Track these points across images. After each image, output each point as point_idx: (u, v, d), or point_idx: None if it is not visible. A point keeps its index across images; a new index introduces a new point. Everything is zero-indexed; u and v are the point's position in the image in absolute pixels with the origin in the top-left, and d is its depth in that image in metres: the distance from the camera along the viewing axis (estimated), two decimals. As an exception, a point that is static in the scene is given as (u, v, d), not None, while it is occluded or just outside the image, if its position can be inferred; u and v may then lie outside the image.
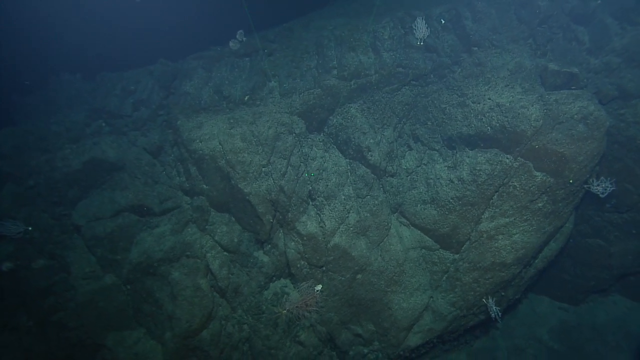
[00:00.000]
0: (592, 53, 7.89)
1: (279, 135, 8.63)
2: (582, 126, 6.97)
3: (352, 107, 8.82)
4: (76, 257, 9.44)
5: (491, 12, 8.69)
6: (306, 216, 8.55)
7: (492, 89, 7.81)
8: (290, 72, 9.31)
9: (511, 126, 7.34)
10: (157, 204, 9.32)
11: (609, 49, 7.75)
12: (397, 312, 8.45)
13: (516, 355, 9.94)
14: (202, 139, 8.61)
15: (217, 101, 9.32)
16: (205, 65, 9.92)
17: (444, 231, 8.30)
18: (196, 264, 8.59)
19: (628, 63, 7.59)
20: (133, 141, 9.82)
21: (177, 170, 9.34)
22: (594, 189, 7.48)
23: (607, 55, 7.73)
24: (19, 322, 9.40)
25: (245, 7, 9.25)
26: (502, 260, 7.73)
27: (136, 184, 9.47)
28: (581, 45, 8.01)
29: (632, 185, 7.80)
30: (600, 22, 8.03)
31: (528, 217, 7.55)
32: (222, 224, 8.89)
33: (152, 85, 10.23)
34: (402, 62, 8.57)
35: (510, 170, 7.48)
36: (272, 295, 8.92)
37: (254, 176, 8.37)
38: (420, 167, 8.77)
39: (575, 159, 7.04)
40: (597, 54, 7.82)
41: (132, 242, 9.26)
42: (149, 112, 9.83)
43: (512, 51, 8.14)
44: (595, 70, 7.73)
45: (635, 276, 9.79)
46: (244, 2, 8.92)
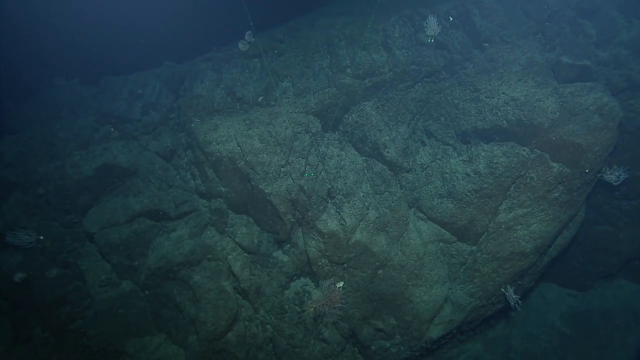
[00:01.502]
0: (600, 46, 8.16)
1: (296, 135, 8.67)
2: (598, 117, 7.22)
3: (366, 105, 8.92)
4: (90, 265, 9.36)
5: (498, 9, 8.89)
6: (326, 214, 8.63)
7: (506, 84, 8.01)
8: (302, 72, 9.36)
9: (528, 119, 7.55)
10: (172, 208, 9.27)
11: (616, 42, 8.03)
12: (419, 305, 8.61)
13: (530, 343, 10.22)
14: (219, 141, 8.59)
15: (230, 103, 9.31)
16: (214, 67, 9.88)
17: (461, 224, 8.48)
18: (218, 266, 8.58)
19: (636, 55, 7.88)
20: (144, 145, 9.74)
21: (192, 174, 9.30)
22: (607, 178, 7.76)
23: (615, 48, 8.01)
24: (32, 333, 9.28)
25: (245, 7, 9.24)
26: (521, 250, 7.95)
27: (150, 188, 9.41)
28: (588, 39, 8.28)
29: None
30: (606, 15, 8.31)
31: (545, 207, 7.79)
32: (242, 226, 8.90)
33: (160, 88, 10.15)
34: (415, 60, 8.71)
35: (527, 162, 7.69)
36: (293, 294, 8.98)
37: (274, 176, 8.41)
38: (434, 162, 8.94)
39: (592, 149, 7.29)
40: (605, 47, 8.09)
41: (149, 248, 9.22)
42: (159, 116, 9.75)
43: (523, 46, 8.35)
44: (604, 63, 8.01)
45: None
46: (244, 2, 8.91)
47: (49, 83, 12.21)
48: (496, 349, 10.32)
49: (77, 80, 13.16)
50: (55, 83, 12.64)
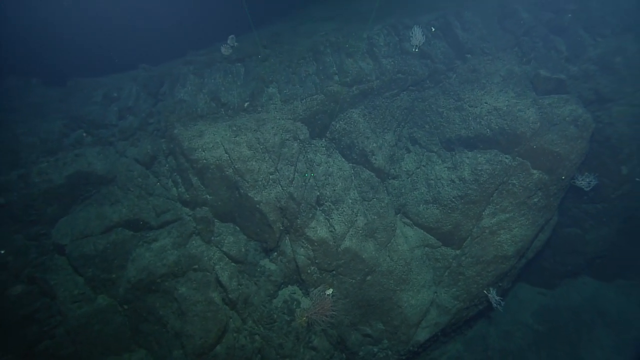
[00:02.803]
0: (570, 61, 8.76)
1: (285, 142, 8.59)
2: (574, 127, 7.74)
3: (354, 112, 9.01)
4: (61, 280, 8.75)
5: (478, 22, 9.31)
6: (315, 222, 8.60)
7: (488, 94, 8.39)
8: (289, 78, 9.30)
9: (511, 128, 7.95)
10: (153, 217, 8.88)
11: (585, 58, 8.65)
12: (407, 309, 8.77)
13: (506, 340, 10.71)
14: (205, 148, 8.34)
15: (215, 108, 9.07)
16: (196, 71, 9.59)
17: (446, 229, 8.76)
18: (206, 277, 8.30)
19: (603, 71, 8.53)
20: (122, 152, 9.26)
21: (174, 181, 8.96)
22: (579, 184, 8.32)
23: (585, 64, 8.62)
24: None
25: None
26: (504, 253, 8.33)
27: (129, 197, 8.95)
28: (560, 54, 8.86)
29: (607, 179, 8.77)
30: (574, 33, 8.93)
31: (525, 212, 8.22)
32: (228, 234, 8.68)
33: (138, 91, 9.72)
34: (401, 69, 8.91)
35: (509, 169, 8.09)
36: (282, 303, 8.86)
37: (263, 184, 8.27)
38: (419, 168, 9.17)
39: (569, 157, 7.80)
40: (575, 62, 8.69)
41: (128, 259, 8.76)
42: (138, 121, 9.32)
43: (502, 58, 8.79)
44: (574, 77, 8.59)
45: (601, 259, 10.95)
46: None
47: (4, 83, 11.33)
48: (475, 348, 10.72)
49: (37, 81, 12.32)
50: (8, 83, 11.79)
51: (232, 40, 9.84)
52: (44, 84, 12.34)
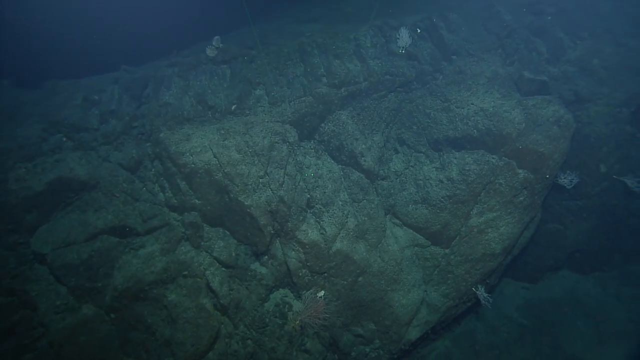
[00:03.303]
0: (551, 62, 9.03)
1: (274, 145, 8.53)
2: (557, 128, 7.99)
3: (342, 114, 9.02)
4: (42, 290, 8.45)
5: (462, 23, 9.47)
6: (306, 224, 8.58)
7: (474, 95, 8.56)
8: (276, 79, 9.23)
9: (497, 129, 8.13)
10: (140, 223, 8.66)
11: (565, 60, 8.93)
12: (398, 309, 8.87)
13: (493, 335, 10.98)
14: (193, 152, 8.19)
15: (202, 111, 8.91)
16: (181, 73, 9.40)
17: (435, 229, 8.90)
18: (196, 283, 8.17)
19: (581, 72, 8.84)
20: (105, 157, 8.99)
21: (161, 186, 8.77)
22: (561, 182, 8.60)
23: (564, 65, 8.91)
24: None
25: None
26: (492, 251, 8.53)
27: (114, 203, 8.70)
28: (541, 56, 9.11)
29: (587, 176, 9.10)
30: (554, 35, 9.21)
31: (512, 210, 8.44)
32: (218, 239, 8.56)
33: (120, 94, 9.45)
34: (389, 70, 8.98)
35: (496, 169, 8.28)
36: (273, 306, 8.81)
37: (253, 188, 8.19)
38: (407, 169, 9.27)
39: (552, 157, 8.05)
40: (555, 64, 8.96)
41: (114, 267, 8.52)
42: (121, 124, 9.06)
43: (487, 60, 8.98)
44: (555, 78, 8.86)
45: (580, 253, 11.37)
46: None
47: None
48: (463, 344, 10.94)
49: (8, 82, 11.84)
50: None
51: (217, 42, 9.68)
52: (16, 86, 11.86)
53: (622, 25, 9.30)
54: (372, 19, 9.00)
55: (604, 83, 8.85)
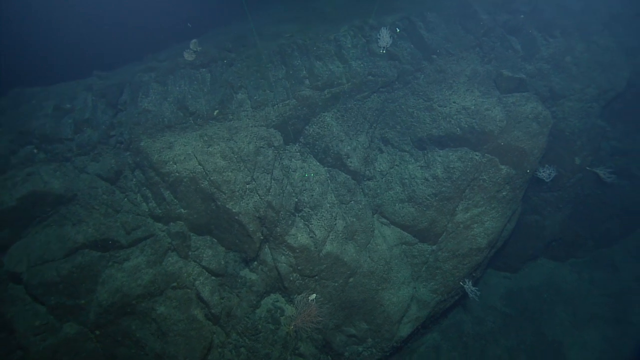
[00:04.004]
0: (526, 60, 9.30)
1: (259, 149, 8.42)
2: (536, 124, 8.26)
3: (326, 116, 9.00)
4: (18, 311, 8.07)
5: (440, 22, 9.61)
6: (295, 228, 8.54)
7: (456, 93, 8.72)
8: (258, 83, 9.09)
9: (480, 127, 8.33)
10: (123, 235, 8.38)
11: (539, 57, 9.23)
12: (389, 307, 8.99)
13: (479, 325, 11.32)
14: (177, 161, 7.97)
15: (183, 118, 8.67)
16: (158, 79, 9.09)
17: (422, 226, 9.04)
18: (186, 294, 7.99)
19: (555, 69, 9.16)
20: (82, 168, 8.62)
21: (144, 196, 8.49)
22: (540, 175, 8.92)
23: (539, 63, 9.20)
24: None
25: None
26: (478, 246, 8.76)
27: (94, 215, 8.37)
28: (516, 54, 9.38)
29: (563, 169, 9.49)
30: (528, 34, 9.49)
31: (495, 205, 8.68)
32: (206, 248, 8.39)
33: (94, 101, 9.06)
34: (371, 71, 9.01)
35: (480, 166, 8.49)
36: (265, 312, 8.74)
37: (240, 194, 8.06)
38: (393, 168, 9.37)
39: (532, 152, 8.32)
40: (530, 61, 9.25)
41: (97, 282, 8.22)
42: (98, 134, 8.70)
43: (466, 58, 9.15)
44: (531, 75, 9.15)
45: (557, 242, 11.86)
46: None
47: None
48: (451, 336, 11.24)
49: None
50: None
51: (195, 45, 9.43)
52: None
53: (591, 24, 9.70)
54: (330, 29, 8.98)
55: (576, 80, 9.22)
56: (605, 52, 9.47)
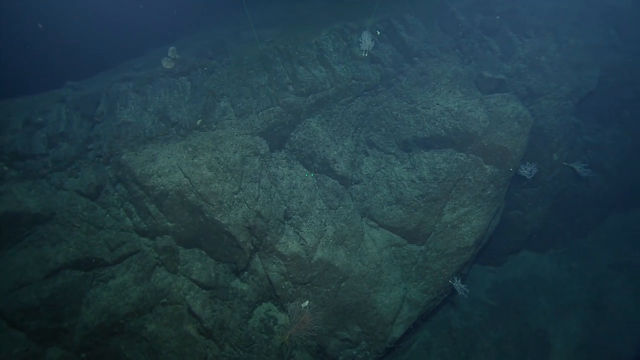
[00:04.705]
0: (504, 60, 9.54)
1: (246, 158, 8.28)
2: (517, 124, 8.49)
3: (312, 121, 8.95)
4: (-7, 339, 7.64)
5: (419, 24, 9.71)
6: (285, 236, 8.47)
7: (439, 95, 8.85)
8: (240, 90, 8.93)
9: (464, 128, 8.48)
10: (107, 252, 8.08)
11: (516, 57, 9.48)
12: (382, 309, 9.05)
13: (467, 320, 11.58)
14: (161, 174, 7.74)
15: (165, 128, 8.42)
16: (137, 88, 8.79)
17: (411, 227, 9.15)
18: (177, 310, 7.78)
19: (531, 69, 9.44)
20: (59, 184, 8.23)
21: (127, 211, 8.21)
22: (522, 173, 9.18)
23: (516, 62, 9.46)
24: None
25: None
26: (465, 245, 8.94)
27: (76, 234, 8.02)
28: (494, 54, 9.60)
29: (542, 165, 9.80)
30: (504, 34, 9.73)
31: (481, 204, 8.88)
32: (196, 261, 8.20)
33: (69, 114, 8.67)
34: (355, 75, 9.01)
35: (465, 166, 8.65)
36: (258, 322, 8.64)
37: (228, 205, 7.92)
38: (379, 171, 9.43)
39: (515, 151, 8.55)
40: (508, 61, 9.50)
41: (82, 303, 7.89)
42: (75, 148, 8.32)
43: (447, 60, 9.29)
44: (509, 74, 9.39)
45: (537, 234, 12.27)
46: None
47: None
48: (441, 332, 11.45)
49: None
50: None
51: (174, 52, 9.17)
52: None
53: (561, 24, 10.05)
54: (310, 32, 8.93)
55: (552, 78, 9.53)
56: (576, 52, 9.84)
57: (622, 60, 10.56)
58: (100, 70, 11.08)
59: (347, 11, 10.88)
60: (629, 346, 11.66)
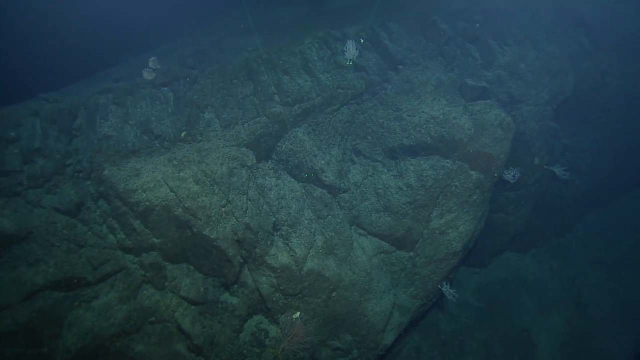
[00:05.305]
0: (485, 67, 9.74)
1: (233, 170, 8.14)
2: (500, 130, 8.67)
3: (298, 131, 8.88)
4: (-34, 369, 7.23)
5: (402, 33, 9.80)
6: (275, 248, 8.36)
7: (423, 103, 8.94)
8: (225, 101, 8.78)
9: (449, 135, 8.60)
10: (89, 271, 7.77)
11: (497, 65, 9.69)
12: (373, 317, 9.06)
13: (455, 322, 11.75)
14: (146, 188, 7.51)
15: (148, 141, 8.18)
16: (116, 100, 8.52)
17: (399, 234, 9.20)
18: (166, 328, 7.56)
19: (512, 76, 9.67)
20: (36, 202, 7.87)
21: (110, 227, 7.93)
22: (506, 177, 9.39)
23: (497, 70, 9.67)
24: None
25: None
26: (453, 250, 9.06)
27: (55, 253, 7.68)
28: (476, 61, 9.78)
29: (524, 168, 10.06)
30: (485, 42, 9.93)
31: (467, 209, 9.02)
32: (184, 276, 8.00)
33: (44, 128, 8.31)
34: (340, 84, 9.00)
35: (451, 173, 8.77)
36: (249, 336, 8.50)
37: (217, 219, 7.76)
38: (366, 179, 9.45)
39: (499, 157, 8.73)
40: (489, 68, 9.69)
41: (63, 325, 7.56)
42: (52, 164, 7.98)
43: (431, 68, 9.41)
44: (491, 82, 9.58)
45: (519, 235, 12.57)
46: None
47: None
48: (430, 335, 11.58)
49: None
50: None
51: (154, 63, 8.93)
52: None
53: (539, 33, 10.35)
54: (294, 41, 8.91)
55: (531, 85, 9.80)
56: (552, 59, 10.15)
57: (594, 67, 10.98)
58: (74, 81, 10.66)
59: (329, 19, 10.87)
60: (607, 340, 12.09)
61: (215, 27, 11.92)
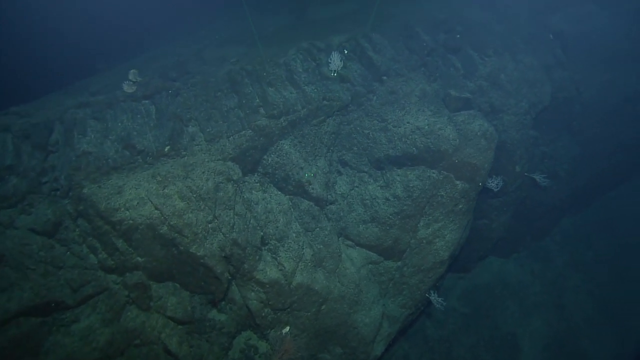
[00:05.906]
0: (467, 78, 9.92)
1: (219, 185, 7.97)
2: (484, 141, 8.84)
3: (284, 143, 8.80)
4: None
5: (385, 44, 9.88)
6: (263, 263, 8.23)
7: (409, 114, 9.02)
8: (209, 114, 8.61)
9: (435, 146, 8.70)
10: (69, 294, 7.45)
11: (478, 75, 9.89)
12: (362, 328, 9.03)
13: (441, 329, 11.86)
14: (129, 207, 7.26)
15: (130, 157, 7.93)
16: (95, 115, 8.22)
17: (387, 245, 9.22)
18: (152, 350, 7.31)
19: (493, 86, 9.88)
20: (8, 223, 7.49)
21: (90, 247, 7.62)
22: (489, 186, 9.57)
23: (479, 80, 9.86)
24: None
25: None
26: (441, 259, 9.14)
27: (31, 277, 7.32)
28: (458, 72, 9.96)
29: (506, 176, 10.27)
30: (466, 53, 10.13)
31: (453, 218, 9.13)
32: (170, 295, 7.76)
33: (17, 144, 7.94)
34: (326, 95, 8.98)
35: (437, 183, 8.87)
36: (238, 353, 8.32)
37: (203, 236, 7.57)
38: (353, 190, 9.44)
39: (483, 167, 8.89)
40: (471, 78, 9.88)
41: (39, 353, 7.20)
42: (26, 182, 7.61)
43: (414, 79, 9.51)
44: (473, 92, 9.76)
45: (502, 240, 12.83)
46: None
47: None
48: (417, 342, 11.64)
49: None
50: None
51: (135, 75, 8.68)
52: None
53: (517, 44, 10.65)
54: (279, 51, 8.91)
55: (511, 95, 10.05)
56: (530, 70, 10.45)
57: (569, 77, 11.37)
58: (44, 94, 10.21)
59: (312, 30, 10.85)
60: (587, 341, 12.46)
61: (196, 37, 11.72)
